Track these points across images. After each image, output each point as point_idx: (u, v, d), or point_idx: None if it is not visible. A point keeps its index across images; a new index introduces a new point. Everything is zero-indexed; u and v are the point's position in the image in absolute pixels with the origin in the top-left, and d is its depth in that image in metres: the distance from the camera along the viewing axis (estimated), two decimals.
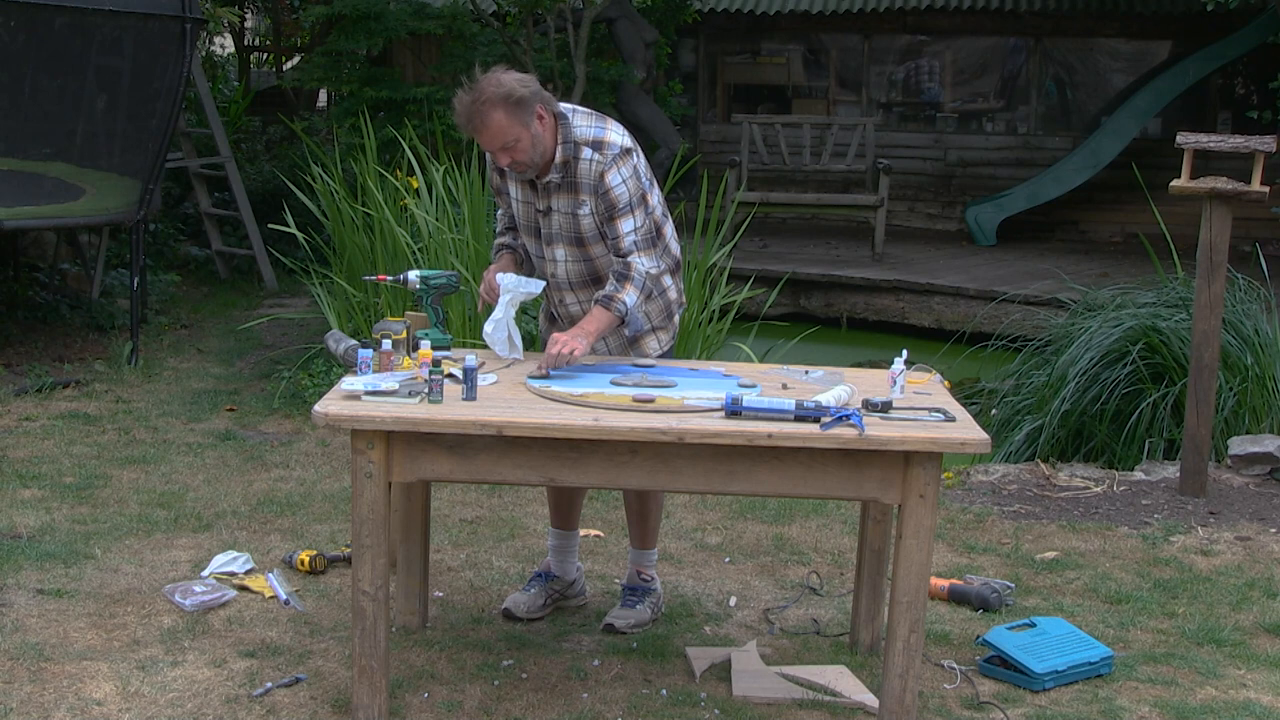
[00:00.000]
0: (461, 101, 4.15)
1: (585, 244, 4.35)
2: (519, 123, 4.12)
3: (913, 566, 3.76)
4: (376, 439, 3.71)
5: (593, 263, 4.39)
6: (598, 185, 4.25)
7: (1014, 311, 9.26)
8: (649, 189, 4.35)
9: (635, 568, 4.70)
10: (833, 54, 16.60)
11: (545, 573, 4.77)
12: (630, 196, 4.26)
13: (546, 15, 11.71)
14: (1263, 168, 6.00)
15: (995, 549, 5.56)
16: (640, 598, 4.66)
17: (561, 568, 4.76)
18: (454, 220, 7.85)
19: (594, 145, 4.26)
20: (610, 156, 4.26)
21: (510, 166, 4.25)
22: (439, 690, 4.10)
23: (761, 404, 3.76)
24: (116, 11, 7.95)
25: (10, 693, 3.98)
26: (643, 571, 4.70)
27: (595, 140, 4.27)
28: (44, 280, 9.70)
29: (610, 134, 4.30)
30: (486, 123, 4.11)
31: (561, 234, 4.35)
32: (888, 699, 3.84)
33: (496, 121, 4.10)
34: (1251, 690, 4.31)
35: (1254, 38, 13.40)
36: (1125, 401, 6.91)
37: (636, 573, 4.70)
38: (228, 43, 20.75)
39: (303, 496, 5.91)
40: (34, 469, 6.16)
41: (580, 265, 4.39)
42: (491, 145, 4.16)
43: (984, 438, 3.73)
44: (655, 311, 4.49)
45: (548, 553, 4.81)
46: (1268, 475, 6.46)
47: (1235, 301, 7.12)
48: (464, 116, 4.15)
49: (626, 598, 4.67)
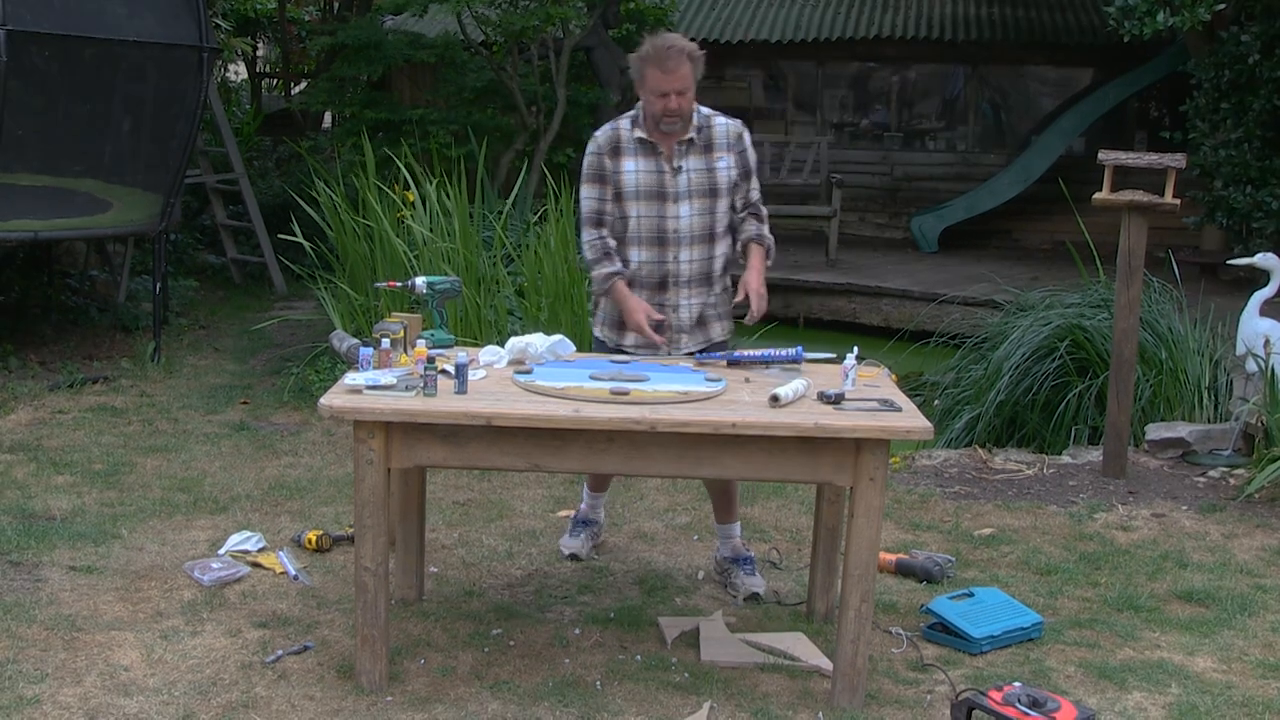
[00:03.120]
0: (659, 45, 4.34)
1: (717, 196, 4.49)
2: (694, 77, 4.35)
3: (863, 543, 3.77)
4: (377, 429, 3.70)
5: (714, 215, 4.50)
6: (736, 143, 4.51)
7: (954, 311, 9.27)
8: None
9: (734, 540, 4.81)
10: (790, 79, 16.62)
11: (585, 520, 5.07)
12: (756, 159, 4.63)
13: (530, 44, 11.68)
14: (1174, 182, 6.02)
15: (937, 526, 5.58)
16: (754, 565, 4.78)
17: (596, 514, 5.10)
18: (446, 230, 7.83)
19: (722, 115, 4.57)
20: (739, 122, 4.60)
21: (672, 114, 4.35)
22: (434, 657, 4.09)
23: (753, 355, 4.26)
24: (141, 43, 7.91)
25: (46, 659, 3.96)
26: (743, 542, 4.85)
27: (719, 111, 4.58)
28: (75, 286, 9.65)
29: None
30: (679, 66, 4.31)
31: (692, 189, 4.46)
32: (841, 662, 3.85)
33: (685, 69, 4.32)
34: (1165, 651, 4.33)
35: (1165, 66, 13.49)
36: (1054, 392, 6.93)
37: (741, 544, 4.82)
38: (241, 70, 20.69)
39: (310, 481, 5.89)
40: (66, 457, 6.12)
41: (705, 218, 4.47)
42: (673, 86, 4.31)
43: (927, 426, 3.73)
44: (723, 302, 4.64)
45: (583, 503, 5.10)
46: (1180, 458, 6.49)
47: (1151, 302, 7.14)
48: (660, 54, 4.31)
49: (744, 567, 4.75)
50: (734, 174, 4.50)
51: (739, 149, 4.51)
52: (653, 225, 4.46)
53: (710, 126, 4.49)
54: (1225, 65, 11.07)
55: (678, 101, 4.32)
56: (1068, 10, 15.71)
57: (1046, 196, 12.94)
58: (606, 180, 4.50)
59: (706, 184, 4.46)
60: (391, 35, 12.24)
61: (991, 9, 16.02)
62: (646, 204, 4.46)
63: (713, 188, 4.47)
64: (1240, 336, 6.66)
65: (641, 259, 4.50)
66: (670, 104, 4.33)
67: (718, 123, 4.51)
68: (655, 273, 4.50)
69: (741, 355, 4.31)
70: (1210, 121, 11.33)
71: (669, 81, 4.30)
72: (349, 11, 15.57)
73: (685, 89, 4.32)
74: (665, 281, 4.50)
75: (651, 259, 4.49)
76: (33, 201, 7.67)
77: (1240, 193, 10.87)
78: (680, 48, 4.32)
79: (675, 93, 4.31)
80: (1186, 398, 6.79)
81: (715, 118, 4.52)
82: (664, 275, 4.49)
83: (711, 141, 4.48)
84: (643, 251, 4.49)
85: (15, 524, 5.14)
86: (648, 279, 4.51)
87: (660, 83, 4.31)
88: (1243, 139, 10.92)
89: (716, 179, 4.47)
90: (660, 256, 4.48)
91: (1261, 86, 10.82)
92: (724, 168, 4.47)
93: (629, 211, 4.48)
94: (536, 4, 11.35)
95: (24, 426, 6.67)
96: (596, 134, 4.57)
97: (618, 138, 4.50)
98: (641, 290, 4.51)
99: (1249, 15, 11.00)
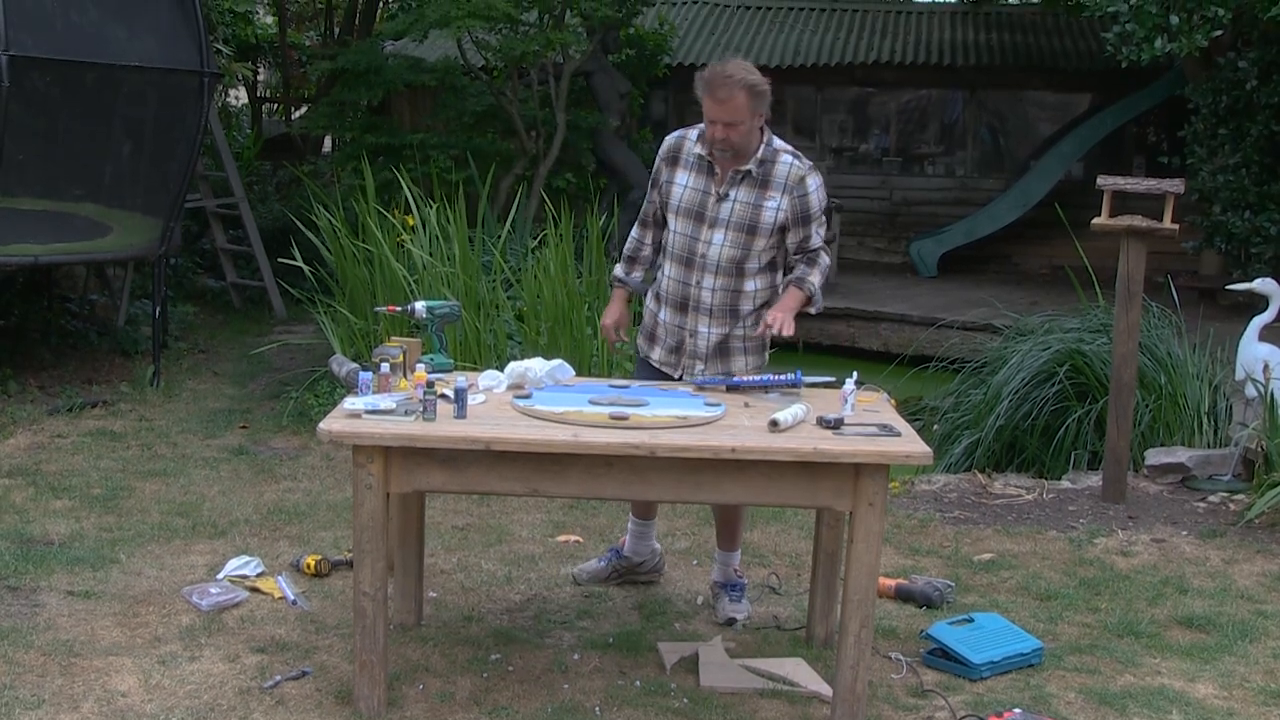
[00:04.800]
0: (715, 72, 4.21)
1: (756, 234, 4.36)
2: (751, 110, 4.21)
3: (863, 568, 3.76)
4: (376, 454, 3.70)
5: (748, 252, 4.38)
6: (795, 187, 4.34)
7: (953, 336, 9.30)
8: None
9: (731, 567, 4.77)
10: (789, 104, 16.67)
11: (619, 550, 4.97)
12: (821, 204, 4.40)
13: (530, 69, 11.73)
14: (1173, 207, 6.04)
15: (937, 551, 5.57)
16: (742, 592, 4.76)
17: (634, 549, 4.93)
18: (445, 255, 7.84)
19: (792, 154, 4.40)
20: (808, 165, 4.40)
21: (720, 143, 4.25)
22: (433, 682, 4.08)
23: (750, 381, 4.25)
24: (142, 67, 7.93)
25: (43, 685, 3.95)
26: (736, 570, 4.79)
27: (793, 151, 4.42)
28: (75, 310, 9.65)
29: (801, 155, 4.44)
30: (731, 96, 4.17)
31: (733, 220, 4.35)
32: (841, 688, 3.84)
33: (738, 100, 4.18)
34: (1165, 677, 4.32)
35: (1163, 91, 13.56)
36: (1053, 417, 6.94)
37: (734, 571, 4.78)
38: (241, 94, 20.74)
39: (309, 506, 5.88)
40: (65, 481, 6.12)
41: (736, 251, 4.37)
42: (721, 116, 4.19)
43: (926, 451, 3.73)
44: (753, 338, 4.52)
45: (627, 535, 4.97)
46: (1179, 483, 6.49)
47: (1150, 327, 7.16)
48: (712, 84, 4.19)
49: (731, 593, 4.74)
50: (782, 216, 4.36)
51: (799, 193, 4.35)
52: (685, 245, 4.44)
53: (774, 163, 4.35)
54: (1223, 91, 11.13)
55: (725, 132, 4.22)
56: (1066, 35, 15.80)
57: (1045, 221, 12.98)
58: (657, 184, 4.52)
59: (748, 219, 4.35)
60: (392, 60, 12.30)
61: (990, 34, 16.11)
62: (684, 221, 4.43)
63: (753, 225, 4.35)
64: (1239, 361, 6.66)
65: (671, 276, 4.50)
66: (718, 133, 4.24)
67: (783, 160, 4.37)
68: (679, 293, 4.48)
69: (740, 380, 4.31)
70: (1208, 147, 11.38)
71: (718, 111, 4.20)
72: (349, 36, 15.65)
73: (737, 121, 4.20)
74: (686, 304, 4.47)
75: (678, 278, 4.48)
76: (33, 225, 7.68)
77: (1239, 218, 10.90)
78: (737, 79, 4.18)
79: (724, 123, 4.21)
80: (1186, 423, 6.80)
81: (783, 155, 4.37)
82: (685, 298, 4.47)
83: (770, 179, 4.35)
84: (673, 269, 4.49)
85: (13, 549, 5.12)
86: (673, 298, 4.50)
87: (710, 111, 4.23)
88: (1241, 164, 10.96)
89: (761, 217, 4.35)
90: (685, 278, 4.46)
91: (1259, 112, 10.87)
92: (772, 208, 4.34)
93: (671, 225, 4.48)
94: (537, 29, 11.41)
95: (23, 451, 6.66)
96: (668, 136, 4.55)
97: (680, 146, 4.47)
98: (667, 308, 4.52)
99: (1246, 41, 11.06)
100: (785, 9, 17.70)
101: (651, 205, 4.57)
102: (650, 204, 4.57)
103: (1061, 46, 15.58)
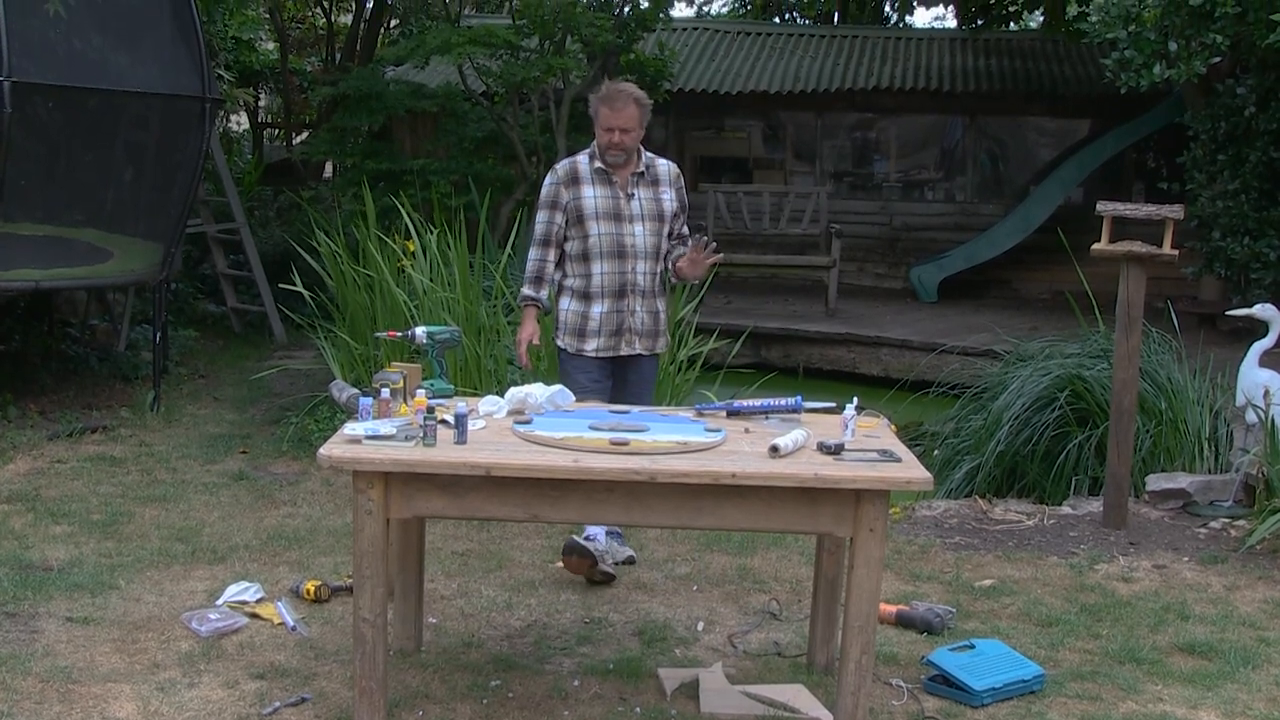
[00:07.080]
0: (611, 88, 5.18)
1: (662, 221, 5.28)
2: (639, 121, 5.14)
3: (864, 594, 3.76)
4: (376, 479, 3.70)
5: (659, 237, 5.28)
6: (676, 181, 5.36)
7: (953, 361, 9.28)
8: None
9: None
10: (789, 129, 16.74)
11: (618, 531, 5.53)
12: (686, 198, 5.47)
13: (531, 94, 11.77)
14: (1173, 233, 6.06)
15: (938, 577, 5.56)
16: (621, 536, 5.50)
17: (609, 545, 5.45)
18: (446, 280, 7.85)
19: (664, 158, 5.43)
20: (675, 164, 5.48)
21: (615, 146, 5.12)
22: (433, 709, 4.07)
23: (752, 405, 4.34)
24: (143, 93, 7.97)
25: (41, 713, 3.94)
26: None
27: (660, 157, 5.43)
28: (75, 335, 9.66)
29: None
30: (625, 106, 5.09)
31: (645, 213, 5.24)
32: (842, 714, 3.83)
33: (630, 110, 5.10)
34: (1168, 704, 4.31)
35: (1163, 118, 13.60)
36: (1054, 442, 6.93)
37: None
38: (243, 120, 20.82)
39: (309, 531, 5.88)
40: (64, 506, 6.11)
41: (655, 238, 5.26)
42: (618, 123, 5.08)
43: (927, 476, 3.73)
44: (663, 318, 5.39)
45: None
46: (1181, 509, 6.48)
47: (1150, 352, 7.16)
48: (610, 98, 5.11)
49: (617, 537, 5.49)
50: (674, 205, 5.31)
51: (679, 186, 5.36)
52: (613, 241, 5.20)
53: (655, 165, 5.32)
54: (1222, 117, 11.17)
55: (621, 137, 5.10)
56: (1065, 62, 15.86)
57: (1045, 246, 13.00)
58: (558, 206, 5.23)
59: (655, 210, 5.26)
60: (393, 85, 12.34)
61: (990, 60, 16.17)
62: (606, 223, 5.20)
63: (659, 214, 5.27)
64: (1240, 387, 6.67)
65: (604, 270, 5.21)
66: (614, 138, 5.11)
67: (660, 163, 5.35)
68: (616, 282, 5.22)
69: (741, 405, 4.32)
70: (1207, 173, 11.41)
71: (615, 119, 5.09)
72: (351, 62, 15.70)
73: (629, 128, 5.10)
74: (624, 289, 5.23)
75: (613, 270, 5.21)
76: (34, 251, 7.70)
77: (1238, 243, 10.92)
78: (629, 93, 5.14)
79: (620, 129, 5.09)
80: (1187, 448, 6.79)
81: (657, 160, 5.35)
82: (623, 284, 5.22)
83: (658, 177, 5.30)
84: (605, 264, 5.21)
85: (12, 574, 5.12)
86: (609, 288, 5.22)
87: (608, 119, 5.10)
88: (1240, 190, 10.99)
89: (662, 207, 5.27)
90: (620, 268, 5.21)
91: (1258, 138, 10.90)
92: (667, 198, 5.29)
93: (590, 230, 5.20)
94: (538, 55, 11.45)
95: (22, 476, 6.66)
96: (556, 166, 5.36)
97: (575, 169, 5.26)
98: (604, 298, 5.22)
99: (1244, 68, 11.10)
100: (786, 35, 17.78)
101: (554, 226, 5.26)
102: (552, 225, 5.26)
103: (1061, 73, 15.64)
